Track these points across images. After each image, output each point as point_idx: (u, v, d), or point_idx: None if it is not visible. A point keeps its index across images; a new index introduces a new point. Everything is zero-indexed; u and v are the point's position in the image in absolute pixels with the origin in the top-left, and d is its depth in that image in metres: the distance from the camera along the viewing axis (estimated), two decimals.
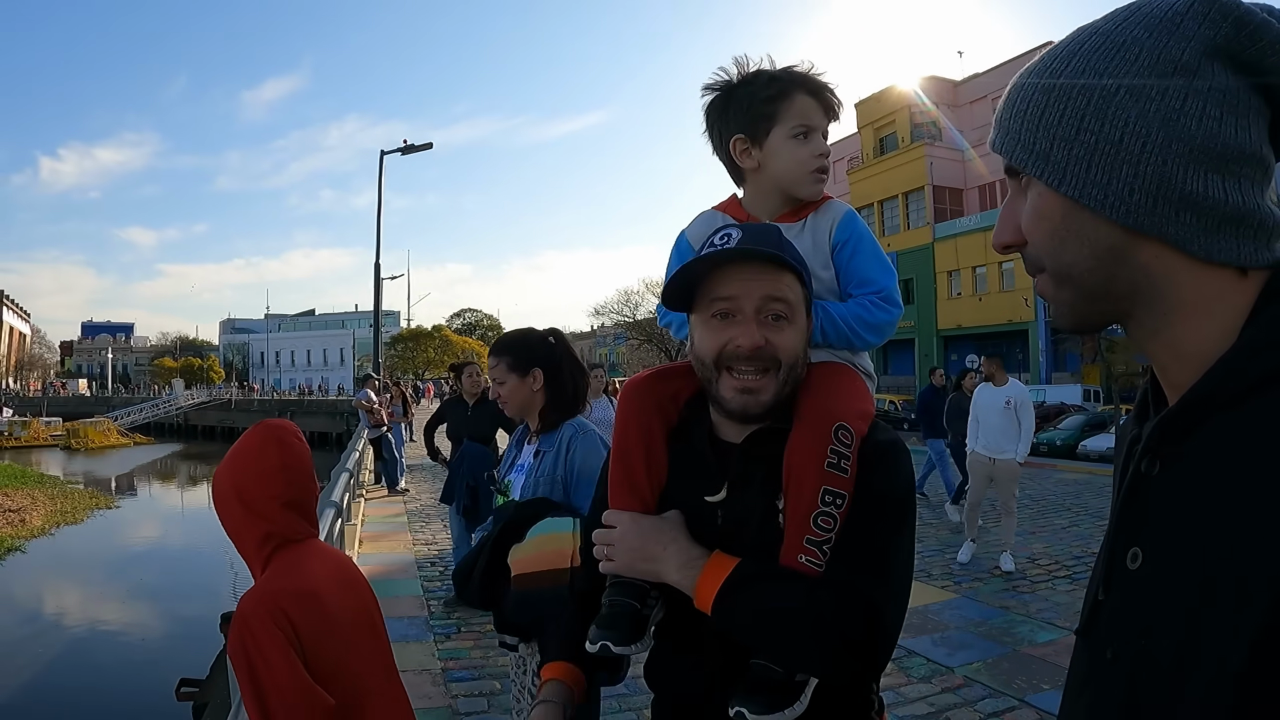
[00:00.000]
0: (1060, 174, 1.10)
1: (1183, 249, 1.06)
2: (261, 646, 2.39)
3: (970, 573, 11.34)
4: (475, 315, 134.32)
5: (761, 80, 2.24)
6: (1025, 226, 1.17)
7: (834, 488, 1.88)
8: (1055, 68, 1.13)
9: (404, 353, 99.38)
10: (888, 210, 61.84)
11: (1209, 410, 1.03)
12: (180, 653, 14.32)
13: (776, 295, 1.91)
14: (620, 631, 1.96)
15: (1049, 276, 1.17)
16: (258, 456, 2.68)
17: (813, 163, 2.23)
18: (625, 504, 2.08)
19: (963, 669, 7.54)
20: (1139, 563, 1.07)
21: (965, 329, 53.81)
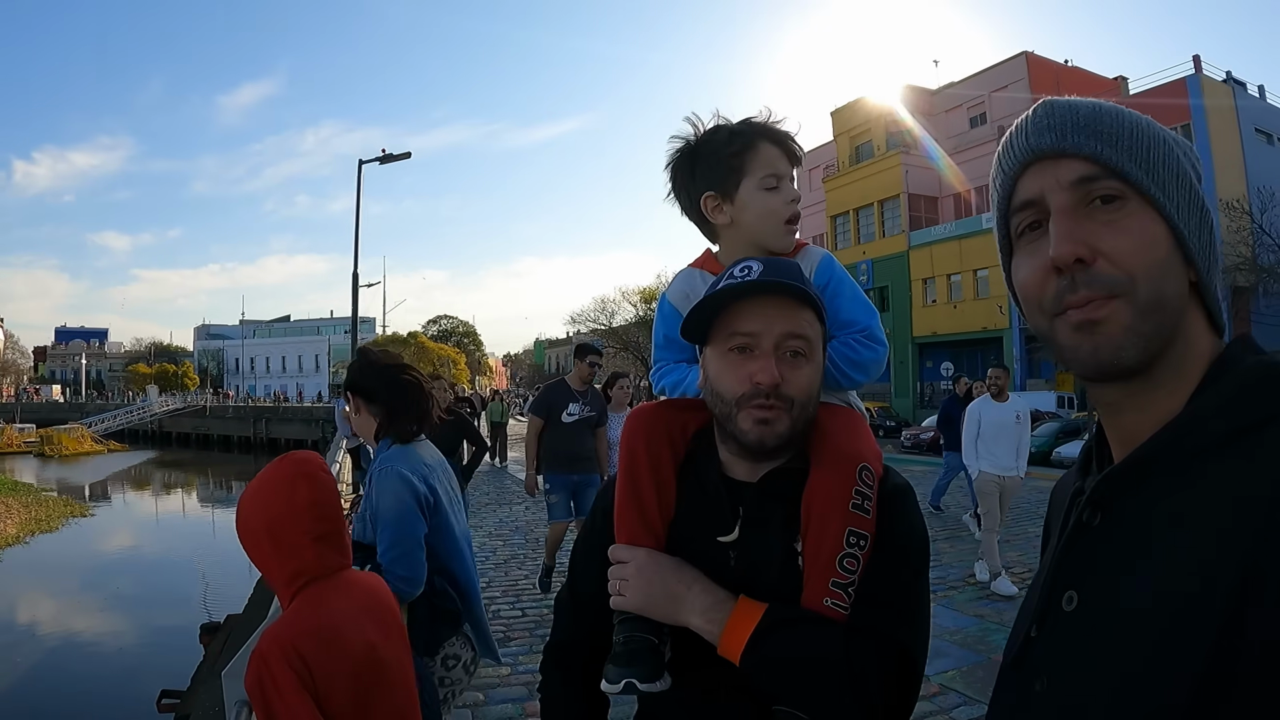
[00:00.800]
0: (1178, 208, 1.16)
1: (1216, 314, 1.19)
2: (279, 686, 2.40)
3: (945, 581, 11.38)
4: (451, 322, 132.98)
5: (723, 136, 2.21)
6: (1125, 247, 1.15)
7: (858, 529, 1.85)
8: (1133, 121, 1.20)
9: None
10: (863, 218, 61.72)
11: (1152, 470, 1.12)
12: (159, 663, 14.24)
13: (796, 332, 1.87)
14: (645, 667, 1.86)
15: (1136, 305, 1.14)
16: (289, 494, 2.63)
17: (785, 211, 2.20)
18: (636, 537, 1.99)
19: (938, 677, 7.60)
20: (1074, 605, 1.16)
21: (940, 336, 53.86)
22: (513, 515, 17.40)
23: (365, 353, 4.42)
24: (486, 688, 7.26)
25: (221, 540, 27.50)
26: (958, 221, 55.51)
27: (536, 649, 8.30)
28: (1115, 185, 1.17)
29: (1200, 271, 1.16)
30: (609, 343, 76.84)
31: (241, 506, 2.69)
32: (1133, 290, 1.13)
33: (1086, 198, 1.18)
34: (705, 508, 2.00)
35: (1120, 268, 1.14)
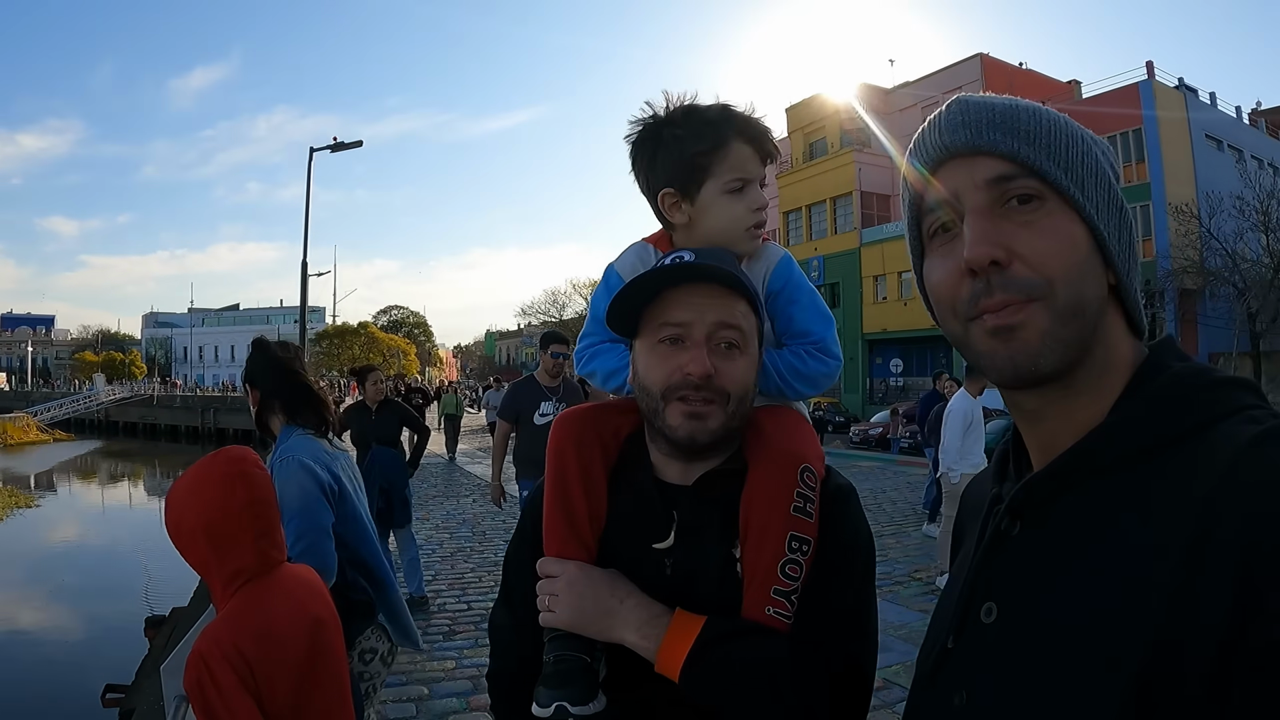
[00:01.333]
0: (1097, 208, 1.14)
1: (1135, 315, 1.19)
2: (220, 687, 2.38)
3: (891, 577, 11.51)
4: (402, 312, 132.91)
5: (693, 128, 2.01)
6: (1043, 249, 1.12)
7: (800, 533, 1.78)
8: (1050, 119, 1.18)
9: (329, 349, 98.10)
10: (815, 214, 61.78)
11: (1074, 478, 1.11)
12: (104, 657, 13.97)
13: (730, 322, 1.79)
14: (577, 688, 1.76)
15: (1054, 309, 1.12)
16: (224, 494, 2.58)
17: (749, 218, 2.03)
18: (566, 549, 1.89)
19: (883, 671, 7.63)
20: (994, 617, 1.14)
21: (890, 333, 53.97)
22: (460, 508, 17.46)
23: (261, 345, 4.30)
24: (431, 681, 7.34)
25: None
26: None
27: (482, 642, 8.36)
28: (1033, 184, 1.14)
29: (1120, 273, 1.16)
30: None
31: (173, 506, 2.63)
32: (1051, 294, 1.11)
33: (1003, 197, 1.15)
34: (638, 514, 1.91)
35: (1038, 270, 1.11)
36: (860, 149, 58.48)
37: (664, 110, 2.07)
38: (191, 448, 60.92)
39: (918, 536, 14.07)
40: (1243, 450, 0.95)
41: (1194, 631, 0.88)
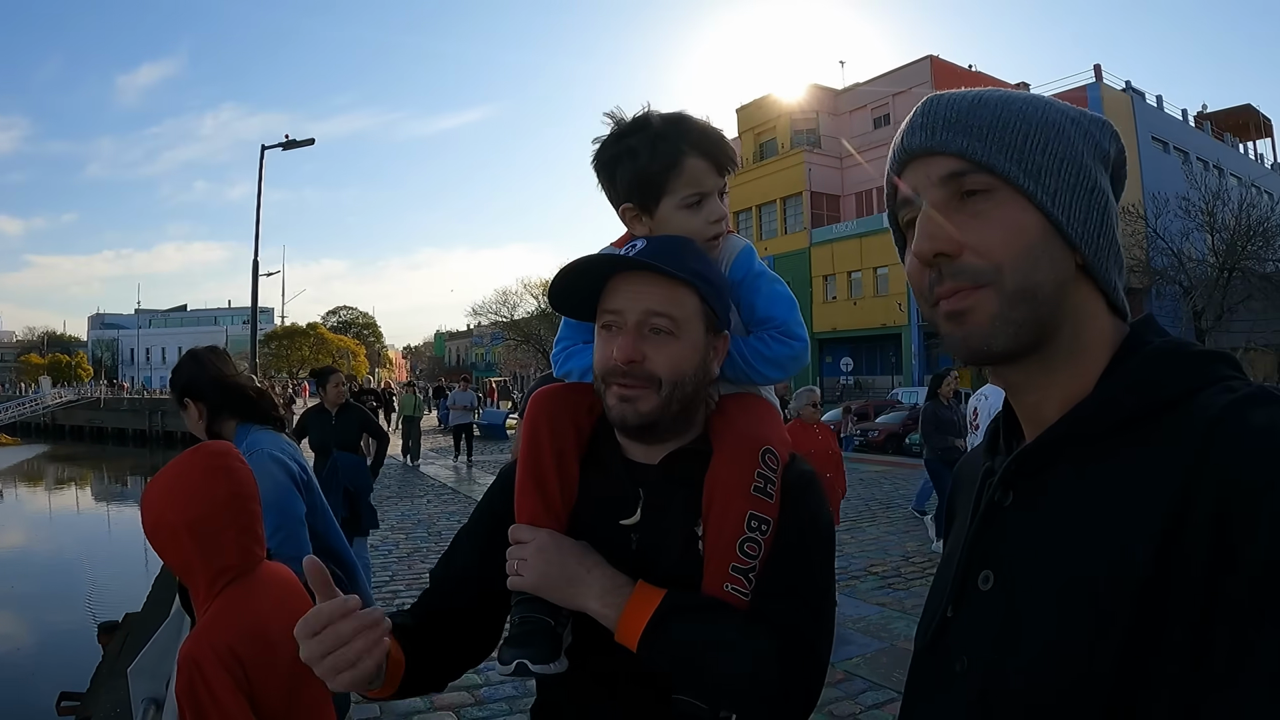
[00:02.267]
0: (1052, 196, 1.18)
1: (1111, 295, 1.22)
2: (214, 691, 2.34)
3: (848, 572, 11.59)
4: (351, 313, 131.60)
5: (648, 144, 2.02)
6: (989, 238, 1.18)
7: (760, 513, 1.82)
8: (1019, 109, 1.23)
9: (278, 351, 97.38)
10: (766, 215, 62.24)
11: (1064, 448, 1.16)
12: (57, 664, 13.76)
13: (658, 310, 1.83)
14: (538, 648, 1.80)
15: (1002, 293, 1.17)
16: (208, 489, 2.54)
17: (707, 230, 2.05)
18: (537, 519, 1.92)
19: (843, 664, 7.77)
20: (991, 584, 1.19)
21: (840, 332, 54.38)
22: (415, 509, 17.42)
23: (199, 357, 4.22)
24: None
25: (117, 536, 26.97)
26: (859, 220, 56.19)
27: None
28: (982, 179, 1.19)
29: (1086, 254, 1.19)
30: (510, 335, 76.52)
31: (152, 504, 2.56)
32: (999, 279, 1.17)
33: (957, 191, 1.21)
34: (607, 491, 1.97)
35: (986, 258, 1.17)
36: (810, 149, 58.76)
37: (622, 124, 2.09)
38: (139, 451, 60.15)
39: (873, 532, 14.18)
40: (1219, 415, 1.00)
41: (1178, 583, 0.94)
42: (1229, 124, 63.05)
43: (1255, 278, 39.14)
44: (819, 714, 6.55)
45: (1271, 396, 1.01)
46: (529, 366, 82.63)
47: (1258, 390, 1.03)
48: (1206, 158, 51.86)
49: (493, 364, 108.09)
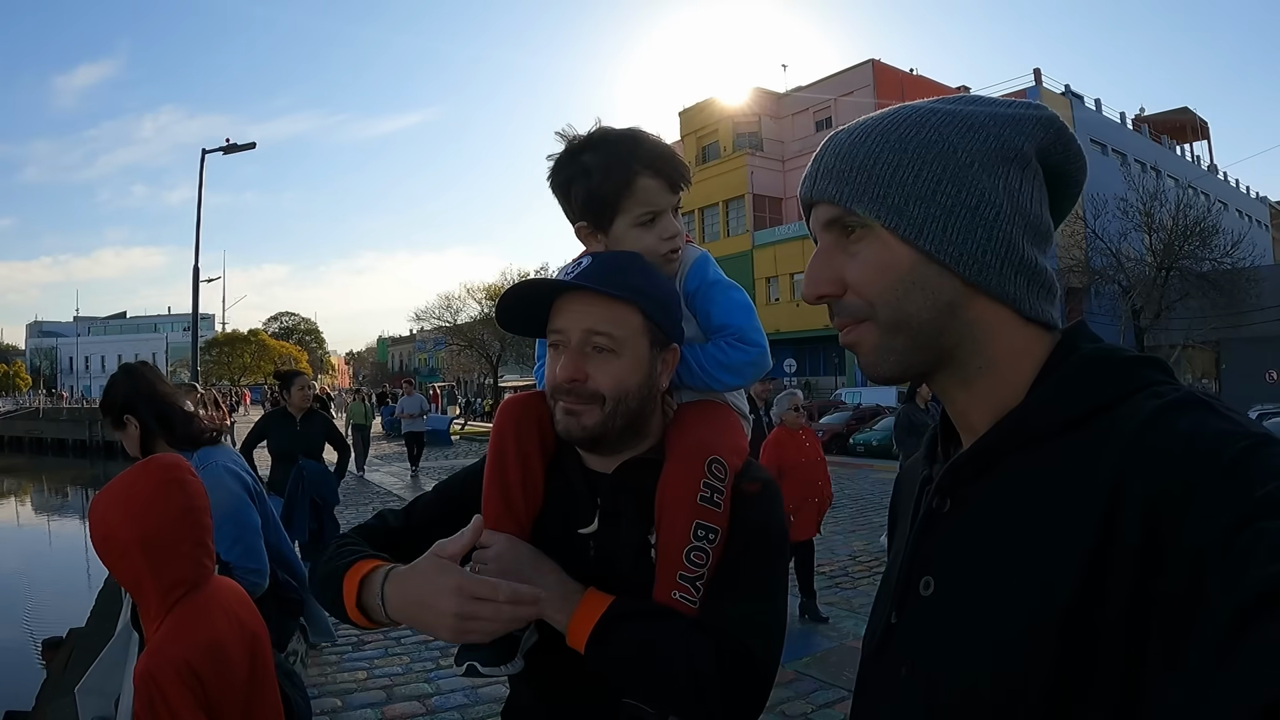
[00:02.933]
0: (918, 229, 1.19)
1: (1016, 308, 1.22)
2: (174, 707, 2.31)
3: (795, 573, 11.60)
4: (293, 319, 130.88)
5: (601, 164, 2.04)
6: (860, 277, 1.23)
7: (707, 522, 1.86)
8: (900, 133, 1.23)
9: (219, 358, 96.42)
10: (708, 217, 62.38)
11: (997, 457, 1.18)
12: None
13: (598, 329, 1.88)
14: (490, 650, 1.87)
15: (879, 326, 1.23)
16: (161, 502, 2.52)
17: (661, 247, 2.08)
18: (500, 523, 1.98)
19: (793, 664, 7.85)
20: (931, 590, 1.22)
21: (783, 334, 54.49)
22: (362, 517, 17.25)
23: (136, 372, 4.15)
24: (344, 693, 7.31)
25: (59, 551, 26.52)
26: (801, 222, 54.53)
27: (394, 650, 8.47)
28: (855, 219, 1.24)
29: (967, 275, 1.20)
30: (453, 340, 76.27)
31: (102, 519, 2.52)
32: (874, 314, 1.23)
33: (843, 232, 1.27)
34: (568, 499, 2.03)
35: (862, 296, 1.24)
36: (753, 152, 59.00)
37: (575, 141, 2.11)
38: (80, 462, 59.09)
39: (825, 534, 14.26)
40: (1146, 420, 1.03)
41: (1111, 585, 0.96)
42: (1166, 127, 63.96)
43: (1192, 277, 39.77)
44: (770, 714, 6.63)
45: (1197, 401, 1.04)
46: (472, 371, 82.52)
47: (1185, 395, 1.05)
48: (1144, 159, 52.56)
49: (436, 369, 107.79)
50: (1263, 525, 0.83)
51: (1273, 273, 43.08)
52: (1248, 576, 0.81)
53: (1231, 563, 0.84)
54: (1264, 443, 0.93)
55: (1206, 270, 40.13)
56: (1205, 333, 40.34)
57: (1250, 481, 0.88)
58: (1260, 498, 0.86)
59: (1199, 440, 0.96)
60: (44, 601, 17.15)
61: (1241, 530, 0.84)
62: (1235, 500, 0.88)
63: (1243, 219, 61.79)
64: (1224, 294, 39.10)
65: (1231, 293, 39.11)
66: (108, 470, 37.52)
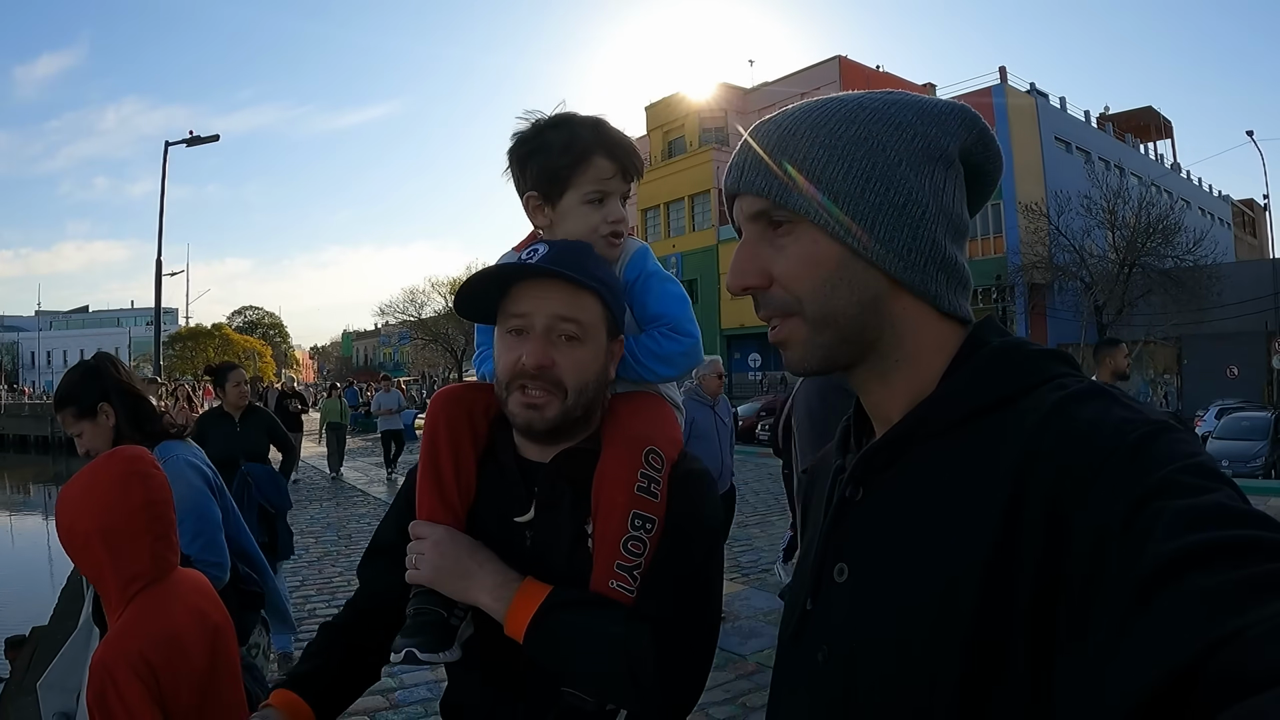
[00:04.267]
0: (845, 227, 1.22)
1: (935, 304, 1.26)
2: (126, 699, 2.33)
3: (758, 565, 11.88)
4: (257, 313, 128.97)
5: (561, 139, 2.12)
6: (788, 271, 1.26)
7: (644, 512, 1.90)
8: (830, 129, 1.26)
9: (183, 353, 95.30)
10: (674, 212, 62.32)
11: (907, 445, 1.22)
12: None
13: (567, 315, 1.90)
14: (427, 637, 1.89)
15: (807, 321, 1.26)
16: (122, 495, 2.53)
17: (604, 228, 2.14)
18: (435, 515, 2.01)
19: (755, 656, 7.94)
20: (845, 576, 1.25)
21: (748, 328, 54.42)
22: (323, 512, 17.36)
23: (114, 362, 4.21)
24: None
25: (21, 548, 26.28)
26: None
27: None
28: (784, 213, 1.26)
29: (892, 272, 1.23)
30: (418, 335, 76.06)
31: (66, 510, 2.55)
32: (802, 309, 1.26)
33: (769, 224, 1.29)
34: (503, 489, 2.05)
35: (789, 290, 1.27)
36: (718, 147, 58.98)
37: (541, 120, 2.17)
38: (42, 458, 58.31)
39: (782, 525, 14.31)
40: (1050, 410, 1.07)
41: (1017, 568, 0.99)
42: (1130, 125, 64.18)
43: (1155, 273, 40.04)
44: (733, 705, 6.77)
45: (1099, 391, 1.09)
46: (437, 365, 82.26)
47: (1088, 386, 1.10)
48: (1108, 157, 52.72)
49: (401, 363, 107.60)
50: (1160, 505, 0.88)
51: (1233, 270, 43.58)
52: (1145, 554, 0.84)
53: (1131, 541, 0.87)
54: (1162, 429, 0.99)
55: (1169, 267, 40.39)
56: (1167, 329, 40.60)
57: (1148, 465, 0.94)
58: (1157, 480, 0.91)
59: (1100, 428, 1.01)
60: (6, 599, 16.99)
61: (1140, 510, 0.89)
62: (1134, 483, 0.92)
63: (1205, 217, 62.11)
64: (1186, 291, 39.39)
65: (1194, 289, 39.43)
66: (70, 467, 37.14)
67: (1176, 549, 0.82)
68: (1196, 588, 0.79)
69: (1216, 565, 0.79)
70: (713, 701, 6.82)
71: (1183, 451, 0.95)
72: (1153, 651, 0.78)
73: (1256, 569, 0.78)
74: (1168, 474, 0.91)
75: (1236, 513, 0.86)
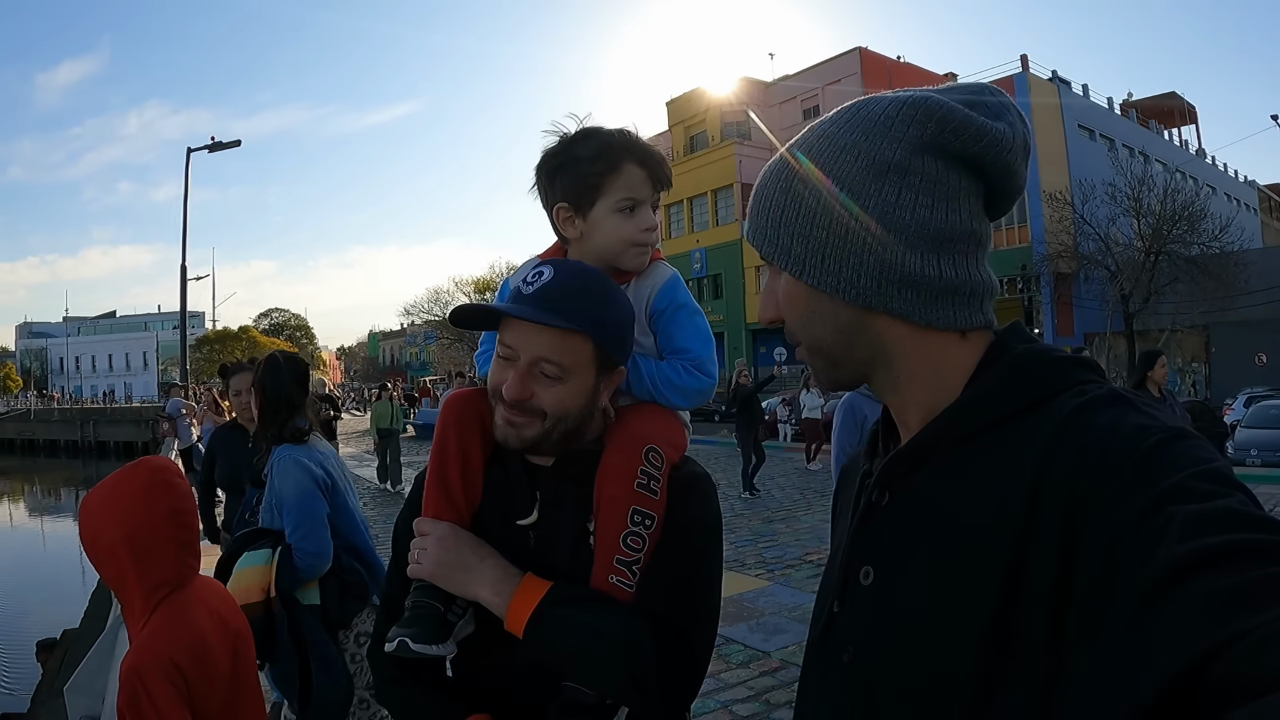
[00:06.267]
0: (801, 266, 1.29)
1: (906, 319, 1.27)
2: (156, 702, 2.36)
3: (783, 560, 11.86)
4: (283, 315, 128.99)
5: (589, 150, 2.13)
6: (781, 308, 1.37)
7: (643, 508, 1.94)
8: (786, 174, 1.32)
9: (210, 355, 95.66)
10: (697, 207, 62.46)
11: (930, 452, 1.24)
12: None
13: (549, 358, 1.91)
14: (421, 629, 1.91)
15: (808, 348, 1.36)
16: (148, 504, 2.56)
17: (637, 237, 2.15)
18: (440, 513, 2.05)
19: (778, 652, 7.91)
20: (871, 579, 1.27)
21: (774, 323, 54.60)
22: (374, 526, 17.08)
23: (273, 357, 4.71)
24: None
25: (53, 552, 26.49)
26: None
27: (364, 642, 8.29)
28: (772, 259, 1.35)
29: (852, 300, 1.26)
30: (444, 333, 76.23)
31: (90, 517, 2.57)
32: (797, 338, 1.38)
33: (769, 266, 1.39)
34: (507, 492, 2.08)
35: (787, 324, 1.38)
36: (741, 141, 58.95)
37: (567, 134, 2.18)
38: (72, 462, 58.79)
39: (808, 521, 14.33)
40: (1068, 416, 1.09)
41: (1035, 572, 1.01)
42: (1154, 111, 63.83)
43: (1181, 261, 39.81)
44: (756, 702, 6.75)
45: (1118, 398, 1.10)
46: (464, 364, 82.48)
47: (1107, 393, 1.11)
48: (1132, 144, 52.48)
49: (427, 363, 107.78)
50: (1171, 509, 0.89)
51: (1261, 256, 43.19)
52: (1154, 558, 0.85)
53: (1141, 545, 0.88)
54: (1177, 436, 1.00)
55: (1195, 254, 40.18)
56: (1194, 317, 40.33)
57: (1162, 471, 0.95)
58: (1169, 485, 0.92)
59: (1116, 434, 1.02)
60: (38, 603, 17.10)
61: (1152, 515, 0.90)
62: (1146, 488, 0.94)
63: (1231, 203, 61.62)
64: (1213, 278, 39.12)
65: (1220, 277, 39.13)
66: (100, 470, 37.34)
67: (1185, 553, 0.83)
68: (1202, 591, 0.79)
69: (1224, 569, 0.80)
70: (736, 699, 6.82)
71: (1196, 458, 0.96)
72: (1158, 654, 0.79)
73: (1263, 573, 0.79)
74: (1180, 480, 0.92)
75: (1247, 518, 0.87)
